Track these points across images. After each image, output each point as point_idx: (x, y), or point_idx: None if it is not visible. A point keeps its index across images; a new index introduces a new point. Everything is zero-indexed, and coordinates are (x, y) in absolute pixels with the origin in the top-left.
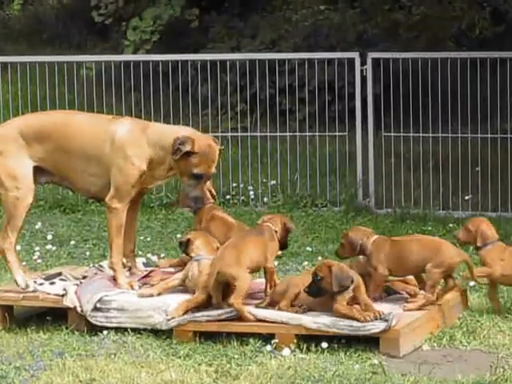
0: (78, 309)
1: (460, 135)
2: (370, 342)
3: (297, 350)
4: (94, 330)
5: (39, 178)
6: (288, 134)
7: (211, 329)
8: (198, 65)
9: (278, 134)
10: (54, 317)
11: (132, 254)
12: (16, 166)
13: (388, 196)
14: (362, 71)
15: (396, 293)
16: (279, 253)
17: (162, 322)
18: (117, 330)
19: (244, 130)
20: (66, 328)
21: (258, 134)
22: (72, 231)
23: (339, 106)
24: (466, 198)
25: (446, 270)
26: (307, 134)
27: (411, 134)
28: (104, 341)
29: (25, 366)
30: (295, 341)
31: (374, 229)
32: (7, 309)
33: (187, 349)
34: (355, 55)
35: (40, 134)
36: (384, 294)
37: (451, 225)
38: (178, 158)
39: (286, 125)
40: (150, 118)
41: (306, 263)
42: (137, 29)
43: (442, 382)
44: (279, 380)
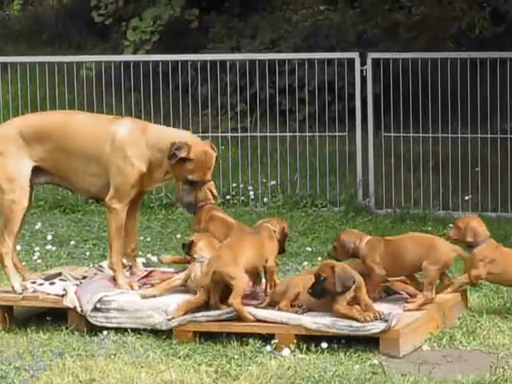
0: (78, 309)
1: (460, 135)
2: (370, 343)
3: (297, 351)
4: (94, 330)
5: (39, 178)
6: (288, 134)
7: (211, 329)
8: (197, 65)
9: (277, 134)
10: (53, 317)
11: (133, 253)
12: (14, 168)
13: (388, 196)
14: (361, 71)
15: (396, 293)
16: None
17: (162, 323)
18: (117, 330)
19: (244, 130)
20: (66, 328)
21: (258, 134)
22: (72, 231)
23: (339, 106)
24: (466, 198)
25: (442, 266)
26: (307, 134)
27: (411, 134)
28: (104, 341)
29: (25, 366)
30: (295, 341)
31: (374, 229)
32: (7, 309)
33: (187, 349)
34: (355, 55)
35: (40, 134)
36: (384, 295)
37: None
38: (173, 163)
39: (285, 125)
40: (149, 118)
41: (306, 263)
42: (137, 29)
43: (442, 382)
44: (279, 380)
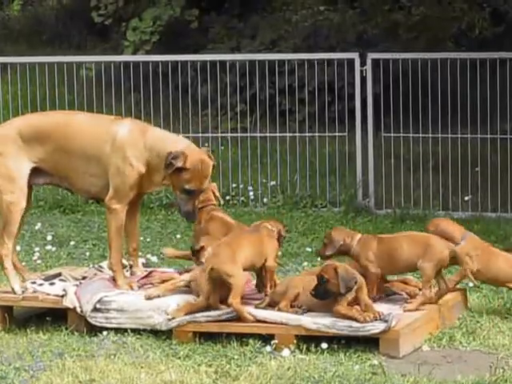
0: (78, 309)
1: (460, 136)
2: (370, 343)
3: (296, 351)
4: (94, 330)
5: (38, 179)
6: (288, 134)
7: (211, 329)
8: (197, 65)
9: (277, 134)
10: (53, 317)
11: (135, 252)
12: (14, 168)
13: (388, 196)
14: (361, 72)
15: (395, 293)
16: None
17: (162, 323)
18: (116, 330)
19: (244, 130)
20: (66, 328)
21: (258, 134)
22: (72, 232)
23: (339, 106)
24: (466, 198)
25: (437, 263)
26: (307, 134)
27: (411, 135)
28: (104, 341)
29: (24, 367)
30: (295, 341)
31: (374, 229)
32: (7, 309)
33: (187, 349)
34: (355, 56)
35: (40, 134)
36: (383, 295)
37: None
38: (170, 172)
39: (285, 125)
40: (149, 118)
41: (306, 264)
42: (136, 29)
43: (442, 382)
44: (279, 381)
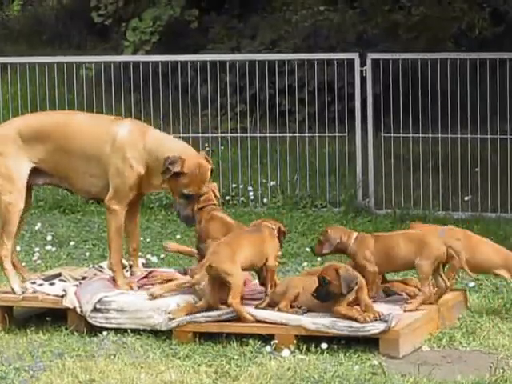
0: (78, 309)
1: (459, 136)
2: (370, 343)
3: (296, 351)
4: (94, 330)
5: (38, 179)
6: (288, 134)
7: (211, 329)
8: (197, 65)
9: (277, 134)
10: (53, 317)
11: (135, 252)
12: (13, 169)
13: (388, 197)
14: (361, 72)
15: (395, 294)
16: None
17: (162, 323)
18: (116, 330)
19: (244, 130)
20: (66, 329)
21: (258, 134)
22: (72, 232)
23: (339, 106)
24: (466, 198)
25: (434, 260)
26: (307, 134)
27: (411, 135)
28: (104, 341)
29: (24, 367)
30: (295, 342)
31: (374, 229)
32: (7, 309)
33: (187, 350)
34: (355, 56)
35: (40, 134)
36: (383, 294)
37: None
38: (167, 177)
39: (285, 125)
40: (149, 118)
41: (306, 264)
42: (136, 29)
43: (442, 382)
44: (279, 381)
